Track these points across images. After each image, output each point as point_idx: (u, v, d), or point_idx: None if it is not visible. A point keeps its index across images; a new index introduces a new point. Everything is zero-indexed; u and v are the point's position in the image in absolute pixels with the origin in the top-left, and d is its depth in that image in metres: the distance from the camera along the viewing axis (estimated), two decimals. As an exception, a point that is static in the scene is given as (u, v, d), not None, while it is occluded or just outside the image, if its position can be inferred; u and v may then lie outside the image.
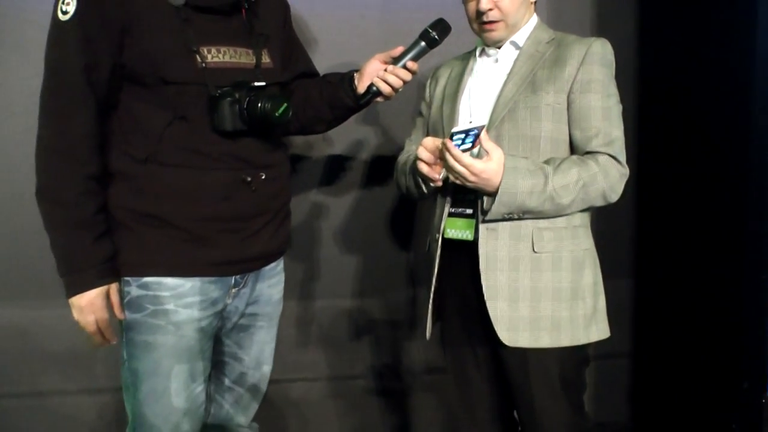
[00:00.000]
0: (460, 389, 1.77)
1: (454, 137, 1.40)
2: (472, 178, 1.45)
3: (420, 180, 1.62)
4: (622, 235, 2.65)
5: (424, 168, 1.54)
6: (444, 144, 1.44)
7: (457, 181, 1.49)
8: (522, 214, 1.53)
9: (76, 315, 1.45)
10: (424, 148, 1.53)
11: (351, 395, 2.57)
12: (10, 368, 2.35)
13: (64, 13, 1.39)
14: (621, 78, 2.46)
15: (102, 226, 1.44)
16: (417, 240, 2.49)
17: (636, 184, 2.56)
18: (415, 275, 2.51)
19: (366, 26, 2.34)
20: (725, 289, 2.16)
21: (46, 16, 1.49)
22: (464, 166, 1.43)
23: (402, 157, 1.80)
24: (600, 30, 2.50)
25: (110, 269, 1.45)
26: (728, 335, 2.15)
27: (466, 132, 1.40)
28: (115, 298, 1.47)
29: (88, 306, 1.43)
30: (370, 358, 2.56)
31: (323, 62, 2.06)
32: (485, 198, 1.52)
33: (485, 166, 1.44)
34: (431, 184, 1.59)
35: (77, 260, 1.42)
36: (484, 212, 1.54)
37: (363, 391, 2.56)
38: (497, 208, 1.50)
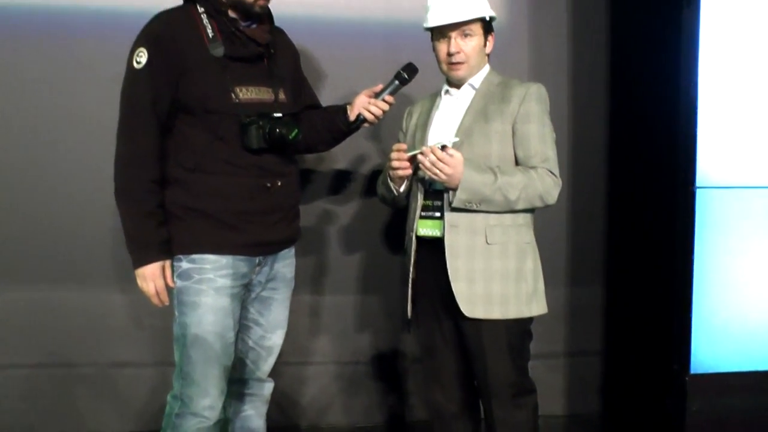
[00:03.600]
0: (430, 358, 2.03)
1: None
2: (447, 170, 1.79)
3: (390, 184, 1.98)
4: (595, 251, 2.93)
5: (399, 172, 1.91)
6: (430, 148, 1.80)
7: (434, 178, 1.83)
8: (479, 204, 1.82)
9: (140, 282, 1.80)
10: (393, 159, 1.91)
11: (354, 377, 2.82)
12: (84, 342, 2.65)
13: (138, 63, 1.76)
14: (593, 103, 2.76)
15: (161, 217, 1.79)
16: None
17: (607, 210, 2.90)
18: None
19: (366, 65, 2.62)
20: (661, 296, 2.50)
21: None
22: (439, 158, 1.78)
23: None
24: (575, 70, 2.81)
25: (166, 249, 1.80)
26: (663, 329, 2.48)
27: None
28: (168, 271, 1.81)
29: (150, 275, 1.78)
30: (371, 346, 2.83)
31: (331, 93, 2.41)
32: (450, 192, 1.83)
33: (453, 159, 1.79)
34: (398, 187, 1.96)
35: (143, 241, 1.77)
36: (450, 203, 1.84)
37: (364, 374, 2.83)
38: (460, 195, 1.81)
